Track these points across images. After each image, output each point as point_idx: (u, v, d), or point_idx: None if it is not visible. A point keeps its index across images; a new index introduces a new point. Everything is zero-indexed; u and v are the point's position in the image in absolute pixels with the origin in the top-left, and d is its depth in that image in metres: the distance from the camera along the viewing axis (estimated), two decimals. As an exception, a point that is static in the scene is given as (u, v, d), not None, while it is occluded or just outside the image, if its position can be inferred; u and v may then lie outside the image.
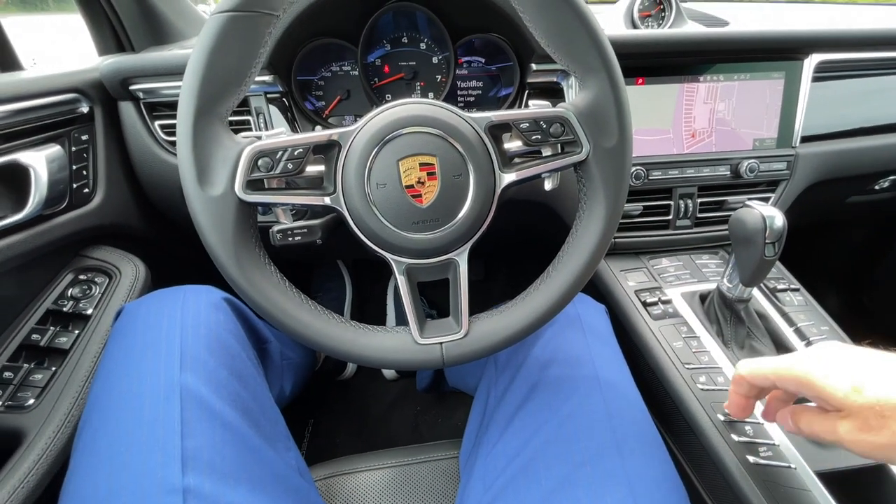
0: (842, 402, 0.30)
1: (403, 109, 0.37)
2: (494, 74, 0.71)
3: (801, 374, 0.33)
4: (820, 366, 0.32)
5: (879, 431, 0.28)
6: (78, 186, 0.60)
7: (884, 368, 0.30)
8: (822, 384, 0.31)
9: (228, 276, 0.36)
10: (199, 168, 0.34)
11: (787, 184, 0.73)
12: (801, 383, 0.33)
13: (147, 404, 0.41)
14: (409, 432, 1.05)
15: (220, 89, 0.34)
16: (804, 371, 0.32)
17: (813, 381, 0.32)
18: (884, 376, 0.29)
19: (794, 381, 0.34)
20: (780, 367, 0.35)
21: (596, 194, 0.39)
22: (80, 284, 0.60)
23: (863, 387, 0.29)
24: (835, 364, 0.32)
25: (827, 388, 0.31)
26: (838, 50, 0.71)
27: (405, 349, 0.39)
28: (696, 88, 0.68)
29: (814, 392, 0.32)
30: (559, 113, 0.38)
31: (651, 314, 0.62)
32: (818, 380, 0.31)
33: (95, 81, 0.62)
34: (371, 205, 0.37)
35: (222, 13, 0.34)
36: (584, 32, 0.36)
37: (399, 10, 0.65)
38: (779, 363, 0.35)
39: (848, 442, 0.30)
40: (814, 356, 0.33)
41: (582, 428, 0.43)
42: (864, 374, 0.30)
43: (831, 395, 0.31)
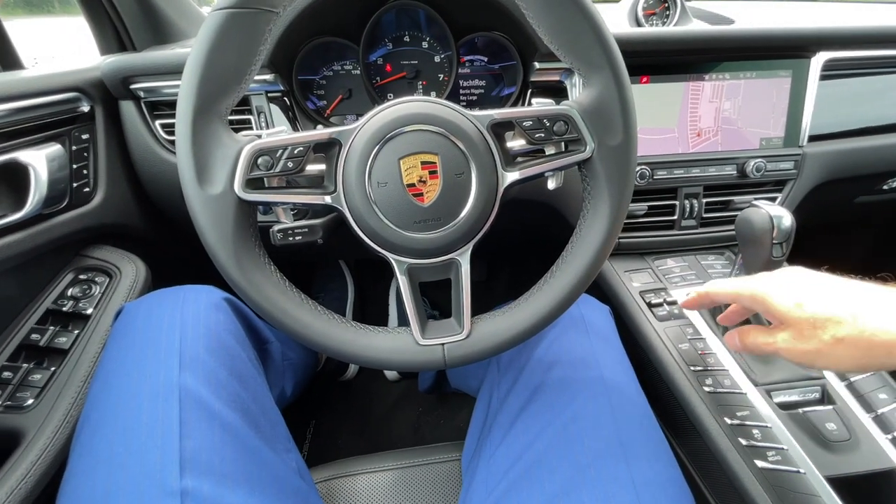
0: (784, 314, 0.36)
1: (404, 107, 0.37)
2: (497, 73, 0.71)
3: (756, 292, 0.38)
4: (772, 285, 0.37)
5: (810, 340, 0.34)
6: (78, 185, 0.60)
7: (826, 289, 0.35)
8: (770, 300, 0.37)
9: (228, 275, 0.35)
10: (199, 167, 0.34)
11: (795, 183, 0.72)
12: (755, 300, 0.38)
13: (146, 405, 0.40)
14: (411, 434, 1.04)
15: (219, 87, 0.34)
16: (760, 289, 0.38)
17: (764, 297, 0.37)
18: (824, 295, 0.35)
19: (749, 298, 0.39)
20: (740, 287, 0.40)
21: (600, 193, 0.38)
22: (80, 284, 0.60)
23: (804, 303, 0.35)
24: (786, 285, 0.37)
25: (774, 303, 0.36)
26: (846, 48, 0.70)
27: (406, 350, 0.38)
28: (701, 87, 0.68)
29: (764, 307, 0.38)
30: (563, 111, 0.37)
31: (656, 315, 0.61)
32: (768, 296, 0.37)
33: (96, 80, 0.62)
34: (372, 204, 0.36)
35: (222, 10, 0.33)
36: (589, 29, 0.36)
37: (401, 8, 0.65)
38: (739, 283, 0.40)
39: (783, 350, 0.36)
40: (771, 279, 0.38)
41: (586, 430, 0.43)
42: (808, 292, 0.35)
43: (777, 308, 0.36)
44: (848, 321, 0.32)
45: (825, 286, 0.36)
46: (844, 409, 0.51)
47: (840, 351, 0.33)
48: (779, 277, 0.38)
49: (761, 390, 0.52)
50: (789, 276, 0.38)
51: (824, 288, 0.36)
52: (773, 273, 0.40)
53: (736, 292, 0.40)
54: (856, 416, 0.50)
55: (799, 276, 0.38)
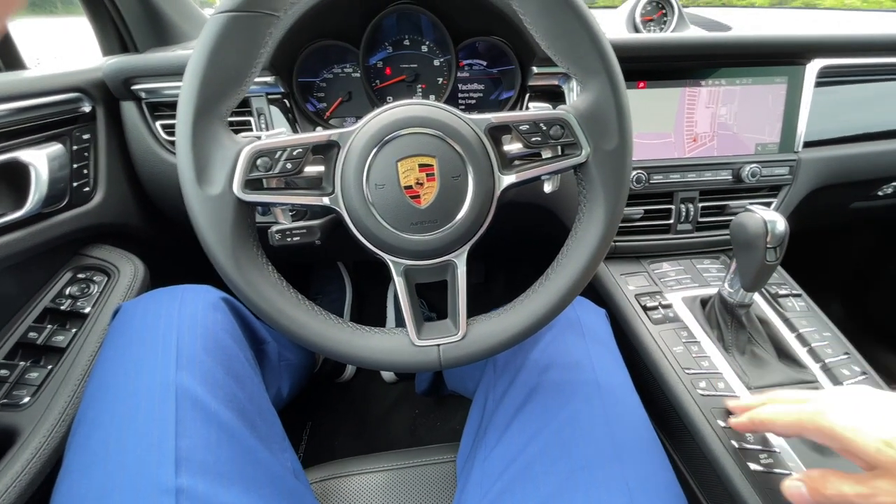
0: (874, 457, 0.28)
1: (403, 110, 0.37)
2: (496, 77, 0.71)
3: (827, 427, 0.31)
4: (847, 417, 0.30)
5: None
6: (78, 185, 0.60)
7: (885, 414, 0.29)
8: (850, 437, 0.29)
9: (226, 275, 0.36)
10: (198, 167, 0.34)
11: (790, 189, 0.73)
12: (826, 436, 0.31)
13: (142, 403, 0.41)
14: (408, 435, 1.04)
15: (219, 89, 0.34)
16: (830, 424, 0.31)
17: (840, 434, 0.30)
18: None
19: (817, 432, 0.32)
20: (804, 417, 0.33)
21: (596, 197, 0.39)
22: (78, 283, 0.60)
23: (893, 440, 0.28)
24: (863, 415, 0.30)
25: (856, 443, 0.29)
26: (841, 55, 0.70)
27: (402, 351, 0.39)
28: (698, 92, 0.68)
29: (841, 446, 0.30)
30: (559, 115, 0.38)
31: (651, 318, 0.62)
32: (846, 433, 0.30)
33: (98, 81, 0.63)
34: (369, 205, 0.37)
35: (223, 13, 0.34)
36: (586, 35, 0.36)
37: (401, 12, 0.65)
38: (802, 412, 0.33)
39: None
40: (840, 405, 0.31)
41: (581, 433, 0.43)
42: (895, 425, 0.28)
43: (861, 450, 0.29)
44: None
45: None
46: (837, 413, 0.51)
47: None
48: (849, 403, 0.31)
49: (755, 393, 0.52)
50: (862, 402, 0.31)
51: None
52: (839, 397, 0.33)
53: (800, 423, 0.33)
54: (848, 420, 0.51)
55: (875, 402, 0.30)
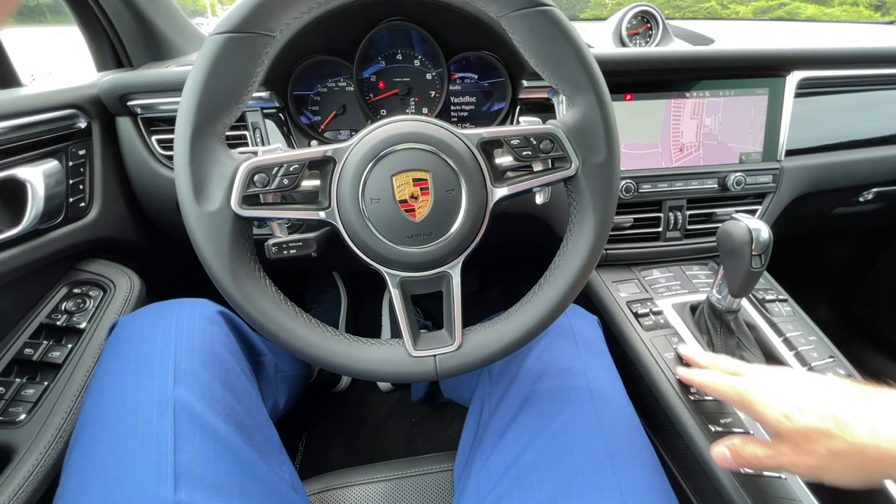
0: (776, 427, 0.34)
1: (397, 126, 0.38)
2: (487, 90, 0.73)
3: (747, 402, 0.37)
4: (762, 393, 0.36)
5: (808, 454, 0.32)
6: (74, 201, 0.60)
7: (814, 396, 0.34)
8: (760, 410, 0.36)
9: (224, 290, 0.36)
10: (196, 184, 0.35)
11: (774, 196, 0.75)
12: (746, 408, 0.38)
13: (140, 419, 0.41)
14: (404, 444, 1.04)
15: (217, 107, 0.35)
16: (749, 399, 0.37)
17: (755, 408, 0.36)
18: (811, 403, 0.33)
19: (741, 405, 0.38)
20: (733, 391, 0.39)
21: (585, 209, 0.40)
22: (74, 298, 0.60)
23: (792, 413, 0.33)
24: (774, 392, 0.36)
25: (764, 415, 0.35)
26: (819, 67, 0.73)
27: (399, 361, 0.39)
28: (683, 104, 0.70)
29: (756, 417, 0.37)
30: (549, 130, 0.39)
31: (643, 325, 0.63)
32: (758, 406, 0.36)
33: (93, 97, 0.63)
34: (365, 219, 0.38)
35: (221, 34, 0.35)
36: (572, 53, 0.38)
37: (394, 28, 0.67)
38: (734, 386, 0.39)
39: (787, 465, 0.34)
40: (761, 383, 0.37)
41: (575, 439, 0.44)
42: (797, 400, 0.34)
43: (768, 420, 0.35)
44: (836, 433, 0.30)
45: (811, 393, 0.34)
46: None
47: (840, 465, 0.31)
48: (769, 382, 0.37)
49: None
50: (777, 381, 0.37)
51: (810, 396, 0.34)
52: (765, 376, 0.38)
53: (729, 394, 0.40)
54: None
55: (787, 381, 0.36)
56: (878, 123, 0.80)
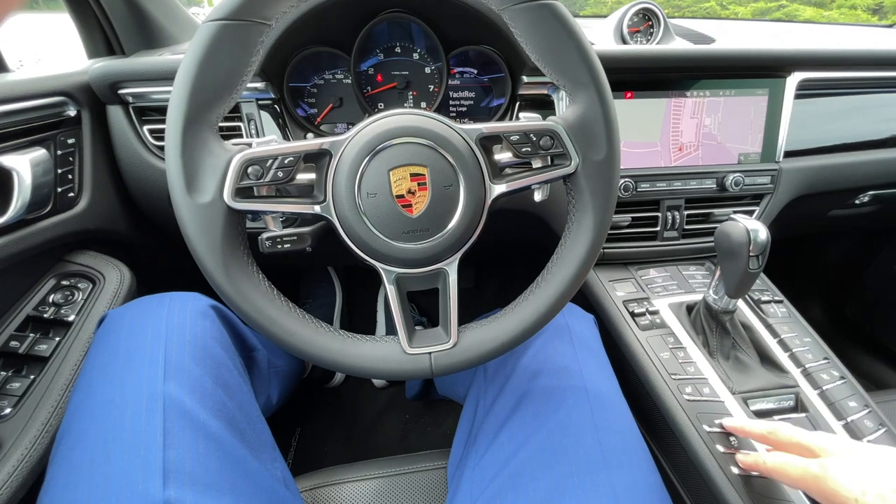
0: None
1: (395, 120, 0.38)
2: (486, 85, 0.72)
3: (831, 493, 0.33)
4: (850, 485, 0.32)
5: None
6: (63, 190, 0.59)
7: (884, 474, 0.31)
8: (832, 489, 0.33)
9: (215, 284, 0.36)
10: (188, 175, 0.34)
11: (771, 197, 0.75)
12: (822, 495, 0.34)
13: (129, 414, 0.40)
14: (398, 441, 1.04)
15: (210, 97, 0.34)
16: (833, 490, 0.33)
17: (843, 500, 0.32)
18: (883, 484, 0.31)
19: (822, 498, 0.35)
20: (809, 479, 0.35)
21: (584, 206, 0.39)
22: (62, 290, 0.59)
23: (864, 494, 0.31)
24: (866, 484, 0.32)
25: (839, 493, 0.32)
26: (819, 69, 0.73)
27: (393, 359, 0.39)
28: (683, 103, 0.70)
29: (823, 496, 0.34)
30: (549, 126, 0.39)
31: (639, 325, 0.63)
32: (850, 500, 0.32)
33: (84, 85, 0.62)
34: (361, 214, 0.37)
35: (215, 21, 0.34)
36: (574, 49, 0.37)
37: (393, 20, 0.66)
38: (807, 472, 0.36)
39: None
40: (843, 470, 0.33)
41: (570, 439, 0.44)
42: (869, 481, 0.31)
43: None
44: None
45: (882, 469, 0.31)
46: (817, 417, 0.53)
47: None
48: (855, 469, 0.33)
49: (738, 398, 0.54)
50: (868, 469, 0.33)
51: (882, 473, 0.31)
52: (846, 459, 0.34)
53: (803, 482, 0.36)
54: (827, 423, 0.52)
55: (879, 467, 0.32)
56: (877, 126, 0.80)
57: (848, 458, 0.34)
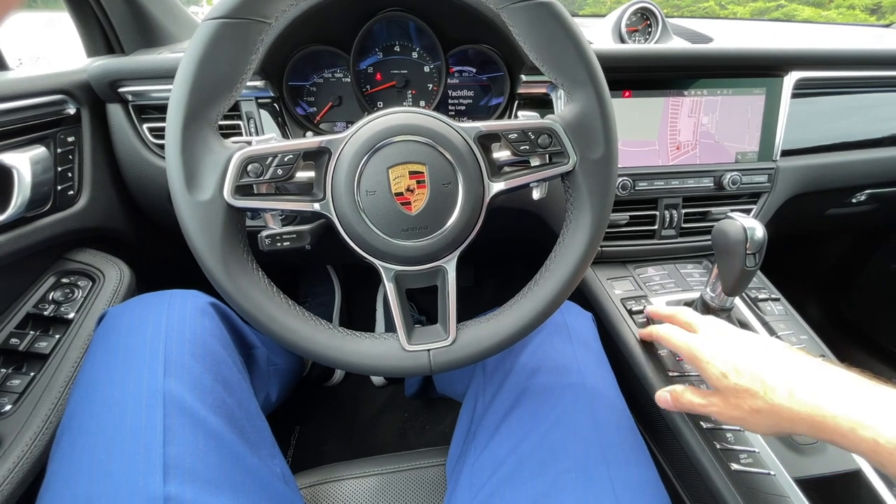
0: (714, 382, 0.41)
1: (394, 118, 0.38)
2: (485, 84, 0.72)
3: (695, 358, 0.43)
4: (707, 351, 0.42)
5: (735, 408, 0.39)
6: (62, 188, 0.59)
7: (749, 360, 0.40)
8: (704, 367, 0.42)
9: (215, 281, 0.36)
10: (188, 173, 0.34)
11: (768, 196, 0.75)
12: (693, 364, 0.44)
13: (129, 411, 0.40)
14: (397, 439, 1.04)
15: (210, 95, 0.35)
16: (697, 355, 0.43)
17: (700, 364, 0.43)
18: (746, 367, 0.39)
19: (690, 360, 0.44)
20: (685, 347, 0.45)
21: (582, 204, 0.40)
22: (62, 288, 0.59)
23: (729, 373, 0.40)
24: (718, 350, 0.42)
25: (706, 371, 0.42)
26: (816, 68, 0.73)
27: (392, 356, 0.39)
28: (680, 102, 0.70)
29: (698, 369, 0.43)
30: (547, 124, 0.39)
31: (637, 322, 0.63)
32: (702, 363, 0.42)
33: (83, 83, 0.62)
34: (360, 212, 0.37)
35: (214, 19, 0.34)
36: (572, 47, 0.37)
37: (391, 19, 0.66)
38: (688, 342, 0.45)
39: (715, 414, 0.41)
40: (708, 341, 0.44)
41: (568, 435, 0.44)
42: (735, 363, 0.40)
43: (708, 376, 0.42)
44: (760, 394, 0.37)
45: (749, 356, 0.40)
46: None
47: (758, 419, 0.38)
48: (715, 340, 0.43)
49: None
50: (723, 341, 0.43)
51: (748, 359, 0.40)
52: (712, 333, 0.45)
53: (681, 348, 0.46)
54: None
55: (732, 342, 0.42)
56: (873, 126, 0.81)
57: (711, 334, 0.45)
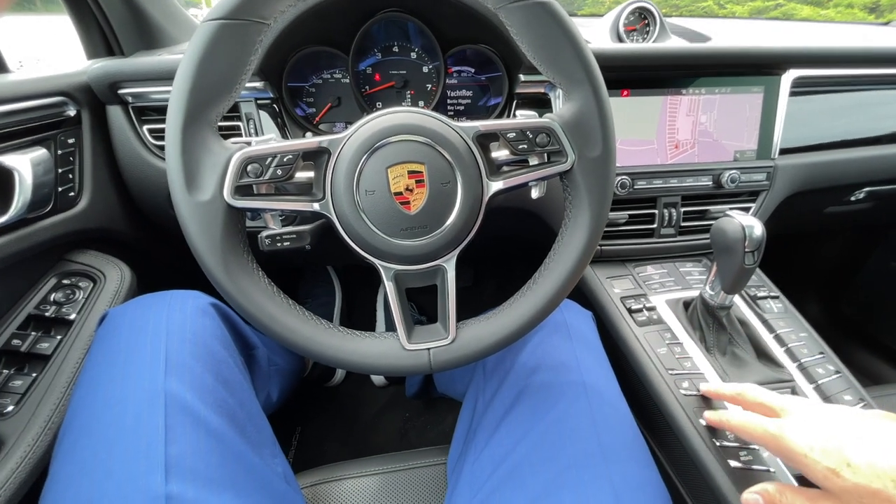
0: (822, 483, 0.31)
1: (393, 118, 0.38)
2: (484, 84, 0.72)
3: (785, 450, 0.34)
4: (801, 442, 0.33)
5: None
6: (63, 190, 0.59)
7: (861, 446, 0.30)
8: (803, 463, 0.32)
9: (216, 281, 0.36)
10: (188, 173, 0.35)
11: (767, 194, 0.76)
12: (784, 457, 0.34)
13: (130, 410, 0.40)
14: (398, 439, 1.05)
15: (209, 96, 0.35)
16: (787, 447, 0.34)
17: (795, 459, 0.33)
18: (859, 455, 0.30)
19: (778, 453, 0.35)
20: (767, 437, 0.36)
21: (581, 203, 0.40)
22: (63, 289, 0.59)
23: (839, 468, 0.30)
24: (816, 440, 0.32)
25: (808, 468, 0.32)
26: (814, 66, 0.73)
27: (393, 355, 0.39)
28: (679, 101, 0.70)
29: (797, 468, 0.33)
30: (545, 123, 0.39)
31: (636, 321, 0.63)
32: (799, 458, 0.33)
33: (83, 85, 0.62)
34: (360, 211, 0.37)
35: (213, 20, 0.34)
36: (569, 46, 0.37)
37: (390, 20, 0.66)
38: (767, 431, 0.36)
39: None
40: (797, 428, 0.34)
41: (568, 433, 0.44)
42: (842, 452, 0.30)
43: (812, 475, 0.32)
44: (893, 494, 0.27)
45: (861, 443, 0.30)
46: (813, 411, 0.53)
47: None
48: (808, 427, 0.33)
49: None
50: (819, 426, 0.33)
51: (861, 447, 0.30)
52: (801, 417, 0.35)
53: (762, 439, 0.36)
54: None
55: (830, 425, 0.32)
56: (871, 123, 0.81)
57: (802, 418, 0.35)
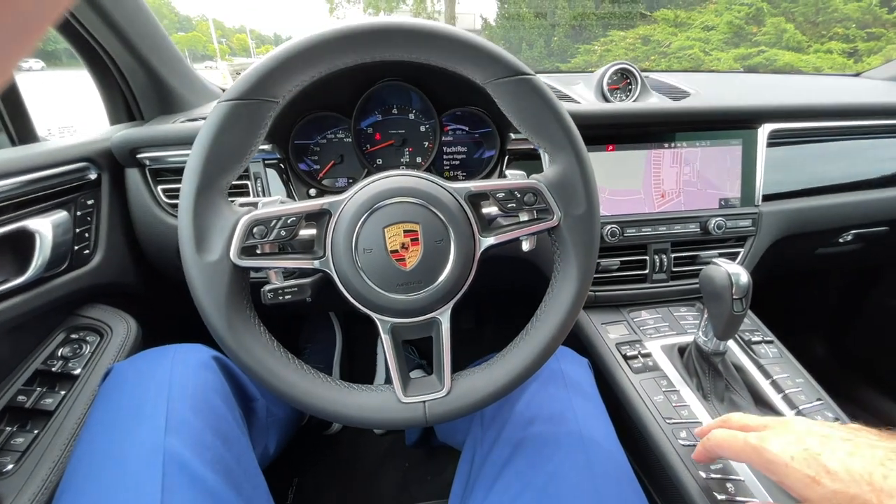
0: (802, 493, 0.32)
1: (389, 181, 0.41)
2: (477, 140, 0.77)
3: (765, 461, 0.35)
4: (780, 453, 0.34)
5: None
6: (79, 248, 0.62)
7: (837, 452, 0.32)
8: (783, 472, 0.33)
9: (219, 338, 0.38)
10: (198, 236, 0.37)
11: (755, 239, 0.78)
12: (764, 469, 0.35)
13: (128, 468, 0.41)
14: (398, 491, 1.01)
15: (221, 166, 0.38)
16: (766, 459, 0.35)
17: (775, 469, 0.34)
18: (843, 465, 0.31)
19: (758, 465, 0.36)
20: (748, 449, 0.37)
21: (568, 257, 0.42)
22: (71, 343, 0.61)
23: (818, 475, 0.31)
24: (795, 451, 0.33)
25: (788, 478, 0.33)
26: (787, 120, 0.78)
27: (389, 408, 0.40)
28: (662, 154, 0.75)
29: (777, 479, 0.34)
30: (532, 184, 0.42)
31: (632, 368, 0.64)
32: (779, 468, 0.34)
33: (105, 150, 0.67)
34: (358, 269, 0.40)
35: (229, 101, 0.38)
36: (552, 116, 0.41)
37: (389, 87, 0.72)
38: (747, 443, 0.37)
39: None
40: (776, 440, 0.35)
41: (565, 487, 0.44)
42: (825, 463, 0.31)
43: (792, 486, 0.33)
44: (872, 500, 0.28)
45: (836, 449, 0.32)
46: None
47: None
48: (786, 439, 0.34)
49: None
50: (798, 438, 0.34)
51: (836, 452, 0.31)
52: (780, 431, 0.36)
53: (743, 452, 0.37)
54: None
55: (808, 436, 0.34)
56: (850, 170, 0.85)
57: (781, 430, 0.36)
